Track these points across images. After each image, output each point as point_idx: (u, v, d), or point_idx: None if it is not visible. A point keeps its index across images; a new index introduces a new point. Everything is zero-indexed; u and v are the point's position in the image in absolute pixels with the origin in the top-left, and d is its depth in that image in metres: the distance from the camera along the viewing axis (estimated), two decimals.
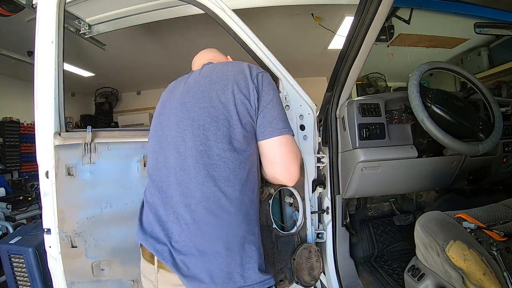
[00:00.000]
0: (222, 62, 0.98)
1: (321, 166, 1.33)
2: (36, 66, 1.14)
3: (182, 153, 0.81)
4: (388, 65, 3.81)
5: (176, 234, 0.77)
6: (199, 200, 0.77)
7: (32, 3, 2.00)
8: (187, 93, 0.88)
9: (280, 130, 0.83)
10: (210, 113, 0.82)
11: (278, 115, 0.85)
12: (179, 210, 0.78)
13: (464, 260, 0.85)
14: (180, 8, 2.12)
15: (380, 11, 1.00)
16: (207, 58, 1.11)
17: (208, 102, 0.83)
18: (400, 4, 2.34)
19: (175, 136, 0.84)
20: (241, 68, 0.88)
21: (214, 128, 0.80)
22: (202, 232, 0.76)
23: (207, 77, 0.89)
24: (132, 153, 1.18)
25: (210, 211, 0.76)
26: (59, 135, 1.14)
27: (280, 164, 0.85)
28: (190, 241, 0.76)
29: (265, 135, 0.83)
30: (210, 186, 0.77)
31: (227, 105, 0.82)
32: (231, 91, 0.83)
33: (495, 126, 1.20)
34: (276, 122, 0.84)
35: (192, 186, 0.78)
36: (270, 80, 0.90)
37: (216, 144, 0.79)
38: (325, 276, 1.39)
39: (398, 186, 1.41)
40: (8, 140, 3.89)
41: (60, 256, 1.13)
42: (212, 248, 0.75)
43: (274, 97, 0.87)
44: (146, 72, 4.62)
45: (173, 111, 0.88)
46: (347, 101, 1.30)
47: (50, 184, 1.12)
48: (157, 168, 0.87)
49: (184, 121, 0.84)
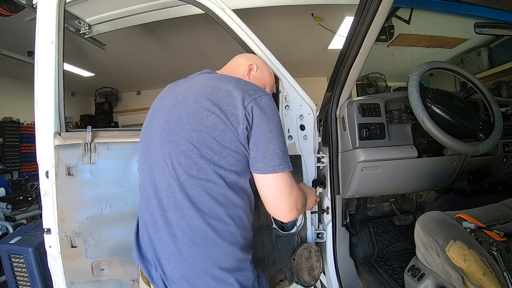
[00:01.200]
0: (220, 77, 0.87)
1: (321, 166, 1.33)
2: (36, 66, 1.14)
3: (166, 179, 0.78)
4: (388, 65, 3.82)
5: (165, 262, 0.77)
6: (186, 231, 0.75)
7: (32, 3, 2.00)
8: (173, 109, 0.82)
9: (273, 167, 0.76)
10: (193, 138, 0.75)
11: (274, 149, 0.76)
12: (164, 237, 0.77)
13: (464, 260, 0.85)
14: (180, 8, 2.12)
15: (380, 11, 1.00)
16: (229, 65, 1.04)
17: (192, 125, 0.76)
18: (400, 4, 2.34)
19: (159, 158, 0.80)
20: (236, 89, 0.78)
21: (196, 155, 0.75)
22: (188, 263, 0.75)
23: (195, 94, 0.80)
24: (132, 153, 1.18)
25: (196, 243, 0.75)
26: (59, 135, 1.14)
27: (269, 202, 0.80)
28: (178, 272, 0.75)
29: (257, 170, 0.77)
30: (195, 217, 0.75)
31: (213, 131, 0.75)
32: (218, 115, 0.75)
33: (495, 126, 1.20)
34: (270, 158, 0.76)
35: (177, 215, 0.76)
36: (269, 105, 0.79)
37: (198, 173, 0.75)
38: (325, 276, 1.39)
39: (398, 186, 1.41)
40: (8, 140, 3.89)
41: (60, 256, 1.13)
42: (200, 279, 0.75)
43: (272, 127, 0.77)
44: (146, 72, 4.63)
45: (158, 129, 0.83)
46: (347, 101, 1.30)
47: (50, 184, 1.12)
48: (144, 187, 0.85)
49: (167, 143, 0.79)
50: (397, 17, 2.53)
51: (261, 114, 0.76)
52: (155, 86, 5.38)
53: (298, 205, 0.82)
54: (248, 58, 1.06)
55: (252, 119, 0.76)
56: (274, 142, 0.77)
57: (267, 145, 0.76)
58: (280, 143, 0.78)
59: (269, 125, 0.77)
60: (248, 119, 0.75)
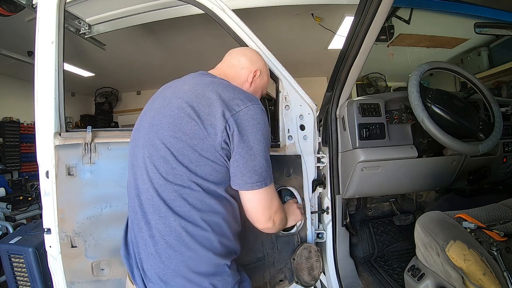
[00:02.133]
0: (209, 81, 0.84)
1: (321, 166, 1.33)
2: (36, 66, 1.14)
3: (146, 181, 0.79)
4: (388, 65, 3.82)
5: (145, 261, 0.79)
6: (163, 233, 0.76)
7: (32, 3, 2.00)
8: (158, 113, 0.82)
9: (251, 184, 0.77)
10: (172, 145, 0.76)
11: (253, 166, 0.76)
12: (145, 237, 0.79)
13: (464, 260, 0.85)
14: (180, 8, 2.12)
15: (380, 11, 1.00)
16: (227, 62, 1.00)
17: (172, 131, 0.76)
18: (400, 4, 2.34)
19: (141, 161, 0.81)
20: (219, 99, 0.76)
21: (174, 162, 0.75)
22: (164, 265, 0.76)
23: (180, 99, 0.80)
24: None
25: (171, 246, 0.76)
26: (59, 135, 1.14)
27: (249, 213, 0.83)
28: (154, 272, 0.77)
29: (236, 185, 0.79)
30: (171, 221, 0.76)
31: (191, 139, 0.74)
32: (197, 123, 0.74)
33: (495, 126, 1.20)
34: (249, 175, 0.76)
35: (156, 218, 0.77)
36: (254, 118, 0.76)
37: (175, 179, 0.76)
38: (325, 276, 1.39)
39: (398, 186, 1.41)
40: (8, 140, 3.89)
41: (60, 256, 1.13)
42: (175, 280, 0.76)
43: (254, 143, 0.75)
44: (146, 72, 4.63)
45: (142, 132, 0.84)
46: (347, 101, 1.30)
47: (50, 184, 1.12)
48: (130, 187, 0.86)
49: (149, 147, 0.80)
50: (397, 17, 2.53)
51: (243, 129, 0.75)
52: (155, 86, 5.31)
53: (275, 218, 0.85)
54: (251, 60, 1.00)
55: (233, 133, 0.74)
56: (255, 159, 0.76)
57: (247, 162, 0.76)
58: (261, 159, 0.77)
59: (250, 141, 0.75)
60: (229, 133, 0.74)
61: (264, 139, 0.79)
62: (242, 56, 1.00)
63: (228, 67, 0.99)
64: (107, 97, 5.60)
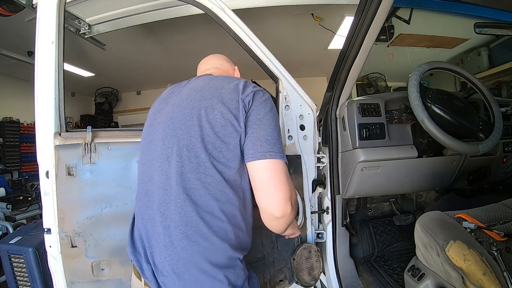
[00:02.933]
0: (221, 76, 0.93)
1: (321, 166, 1.33)
2: (37, 66, 1.14)
3: (165, 172, 0.79)
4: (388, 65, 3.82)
5: (157, 254, 0.78)
6: (178, 223, 0.75)
7: (32, 3, 2.01)
8: (177, 107, 0.85)
9: (262, 153, 0.75)
10: (195, 133, 0.78)
11: (264, 136, 0.77)
12: (159, 229, 0.78)
13: (464, 260, 0.85)
14: (180, 8, 2.12)
15: (380, 11, 1.00)
16: (212, 65, 1.07)
17: (196, 121, 0.79)
18: (400, 4, 2.34)
19: (160, 153, 0.82)
20: (236, 86, 0.83)
21: (198, 149, 0.77)
22: (179, 256, 0.75)
23: (199, 92, 0.84)
24: (132, 153, 1.18)
25: (187, 236, 0.75)
26: (59, 135, 1.14)
27: (261, 190, 0.76)
28: (168, 264, 0.75)
29: (248, 157, 0.77)
30: (189, 210, 0.75)
31: (214, 126, 0.77)
32: (220, 111, 0.78)
33: (495, 126, 1.20)
34: (260, 144, 0.76)
35: (172, 207, 0.77)
36: (265, 98, 0.83)
37: (198, 167, 0.76)
38: (325, 276, 1.39)
39: (398, 186, 1.41)
40: (8, 140, 3.89)
41: (60, 255, 1.13)
42: (189, 273, 0.74)
43: (265, 116, 0.79)
44: (146, 72, 4.63)
45: (161, 125, 0.85)
46: (347, 101, 1.30)
47: (50, 184, 1.12)
48: (143, 182, 0.86)
49: (169, 138, 0.81)
50: (397, 17, 2.53)
51: (257, 105, 0.80)
52: (155, 86, 5.38)
53: (292, 201, 0.77)
54: (227, 61, 1.11)
55: (249, 109, 0.79)
56: (265, 129, 0.78)
57: (258, 132, 0.77)
58: (272, 131, 0.78)
59: (263, 113, 0.79)
60: (246, 109, 0.79)
61: (273, 114, 0.82)
62: (220, 60, 1.10)
63: (218, 70, 1.05)
64: (107, 97, 5.59)
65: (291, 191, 0.76)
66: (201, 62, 1.12)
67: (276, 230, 0.82)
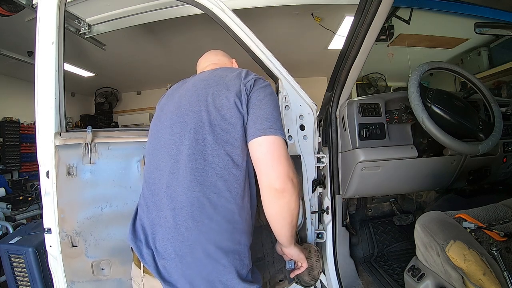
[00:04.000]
0: (223, 67, 0.98)
1: (321, 166, 1.33)
2: (37, 66, 1.14)
3: (173, 157, 0.81)
4: (388, 65, 3.82)
5: (160, 237, 0.77)
6: (184, 204, 0.76)
7: (32, 3, 2.00)
8: (183, 97, 0.88)
9: (263, 130, 0.77)
10: (202, 117, 0.81)
11: (264, 115, 0.79)
12: (165, 213, 0.78)
13: (464, 260, 0.85)
14: (180, 8, 2.12)
15: (380, 11, 1.00)
16: (211, 61, 1.11)
17: (203, 106, 0.82)
18: (400, 4, 2.34)
19: (168, 139, 0.84)
20: (238, 73, 0.88)
21: (205, 132, 0.79)
22: (183, 237, 0.74)
23: (204, 81, 0.89)
24: (132, 153, 1.18)
25: (192, 217, 0.75)
26: (59, 135, 1.14)
27: (262, 163, 0.76)
28: (171, 245, 0.75)
29: (249, 137, 0.79)
30: (195, 191, 0.76)
31: (220, 110, 0.81)
32: (225, 96, 0.82)
33: (495, 126, 1.20)
34: (260, 122, 0.78)
35: (179, 190, 0.77)
36: (265, 84, 0.87)
37: (204, 149, 0.78)
38: (325, 276, 1.39)
39: (398, 186, 1.41)
40: (8, 140, 3.89)
41: (60, 255, 1.13)
42: (192, 254, 0.73)
43: (265, 97, 0.83)
44: (146, 72, 4.63)
45: (169, 115, 0.88)
46: (347, 101, 1.30)
47: (50, 184, 1.12)
48: (150, 171, 0.87)
49: (177, 124, 0.84)
50: (397, 17, 2.53)
51: (257, 88, 0.84)
52: (155, 86, 5.38)
53: (294, 179, 0.76)
54: (225, 56, 1.15)
55: (250, 92, 0.83)
56: (265, 109, 0.81)
57: (258, 111, 0.80)
58: (272, 110, 0.81)
59: (263, 95, 0.83)
60: (248, 93, 0.83)
61: (273, 97, 0.86)
62: (217, 56, 1.14)
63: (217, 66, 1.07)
64: (107, 97, 5.59)
65: (292, 169, 0.77)
66: (200, 60, 1.15)
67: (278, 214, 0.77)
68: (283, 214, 0.77)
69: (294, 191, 0.75)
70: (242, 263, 0.76)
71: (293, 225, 0.81)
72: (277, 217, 0.78)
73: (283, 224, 0.79)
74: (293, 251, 0.92)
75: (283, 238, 0.85)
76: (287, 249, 0.92)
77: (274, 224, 0.81)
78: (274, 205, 0.76)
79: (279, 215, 0.78)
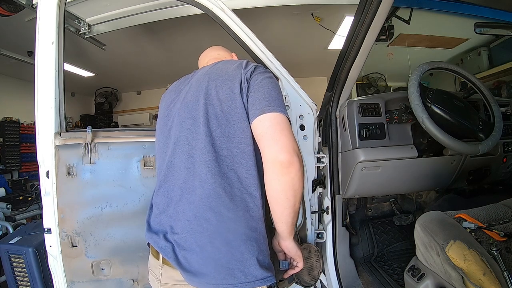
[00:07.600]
0: (223, 60, 1.00)
1: (321, 166, 1.33)
2: (37, 66, 1.14)
3: (185, 152, 0.83)
4: (388, 65, 3.82)
5: (179, 230, 0.79)
6: (202, 196, 0.78)
7: (32, 3, 2.00)
8: (189, 93, 0.91)
9: (261, 109, 0.77)
10: (209, 111, 0.83)
11: (262, 95, 0.80)
12: (184, 207, 0.80)
13: (464, 260, 0.85)
14: (180, 8, 2.12)
15: (380, 11, 1.00)
16: (212, 56, 1.14)
17: (208, 99, 0.84)
18: (400, 4, 2.34)
19: (179, 135, 0.86)
20: (239, 64, 0.90)
21: (212, 126, 0.82)
22: (202, 228, 0.76)
23: (207, 75, 0.91)
24: (132, 153, 1.18)
25: (211, 208, 0.77)
26: (59, 135, 1.14)
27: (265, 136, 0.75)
28: (191, 237, 0.77)
29: (250, 119, 0.80)
30: (211, 183, 0.78)
31: (225, 102, 0.83)
32: (229, 87, 0.84)
33: (495, 126, 1.20)
34: (258, 103, 0.79)
35: (196, 183, 0.79)
36: (265, 70, 0.90)
37: (215, 141, 0.81)
38: (325, 276, 1.39)
39: (398, 186, 1.41)
40: (8, 140, 3.88)
41: (60, 255, 1.13)
42: (212, 244, 0.75)
43: (263, 80, 0.85)
44: (146, 72, 4.62)
45: (177, 112, 0.91)
46: (347, 101, 1.30)
47: (50, 184, 1.12)
48: (164, 169, 0.89)
49: (186, 120, 0.86)
50: (397, 17, 2.53)
51: (255, 74, 0.86)
52: (155, 86, 5.38)
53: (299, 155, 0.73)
54: (225, 50, 1.18)
55: (249, 79, 0.85)
56: (263, 90, 0.82)
57: (256, 93, 0.82)
58: (270, 90, 0.82)
59: (261, 79, 0.85)
60: (248, 80, 0.85)
61: (273, 80, 0.87)
62: (217, 51, 1.16)
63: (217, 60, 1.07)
64: (107, 97, 5.59)
65: (296, 144, 0.74)
66: (201, 57, 1.18)
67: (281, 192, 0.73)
68: (287, 194, 0.73)
69: (300, 167, 0.72)
70: (260, 249, 0.77)
71: (295, 210, 0.76)
72: (280, 196, 0.74)
73: (285, 206, 0.74)
74: (291, 246, 0.87)
75: (283, 225, 0.80)
76: (285, 242, 0.86)
77: (275, 207, 0.76)
78: (278, 182, 0.72)
79: (283, 193, 0.73)
